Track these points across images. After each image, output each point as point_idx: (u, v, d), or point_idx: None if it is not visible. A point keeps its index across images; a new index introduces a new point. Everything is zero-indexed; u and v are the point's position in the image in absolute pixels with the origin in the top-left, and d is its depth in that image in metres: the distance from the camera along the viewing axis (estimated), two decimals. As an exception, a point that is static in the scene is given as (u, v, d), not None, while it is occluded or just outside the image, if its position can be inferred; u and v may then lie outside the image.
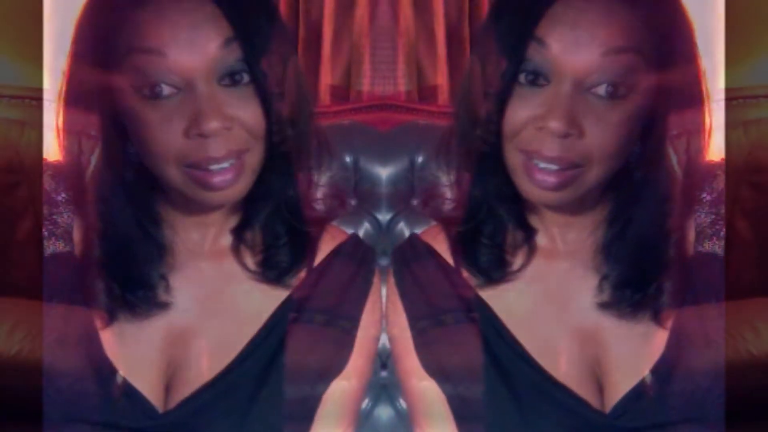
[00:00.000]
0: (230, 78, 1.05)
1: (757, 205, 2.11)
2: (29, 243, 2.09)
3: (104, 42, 1.04)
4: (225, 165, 1.04)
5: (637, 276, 1.11)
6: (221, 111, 1.03)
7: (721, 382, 1.12)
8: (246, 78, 1.05)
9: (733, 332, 1.73)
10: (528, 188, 1.07)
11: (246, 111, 1.05)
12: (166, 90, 1.03)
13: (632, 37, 1.03)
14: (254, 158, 1.06)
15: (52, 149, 1.22)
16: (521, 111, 1.06)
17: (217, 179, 1.04)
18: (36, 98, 2.15)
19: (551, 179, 1.05)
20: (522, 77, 1.06)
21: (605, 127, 1.03)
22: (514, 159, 1.07)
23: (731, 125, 2.10)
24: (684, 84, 1.08)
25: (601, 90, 1.03)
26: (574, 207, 1.13)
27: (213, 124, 1.02)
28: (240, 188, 1.06)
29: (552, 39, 1.03)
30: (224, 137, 1.04)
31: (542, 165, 1.05)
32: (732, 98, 2.13)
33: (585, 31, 1.03)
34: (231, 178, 1.05)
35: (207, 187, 1.05)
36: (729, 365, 1.14)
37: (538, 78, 1.05)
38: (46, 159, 1.22)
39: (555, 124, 1.03)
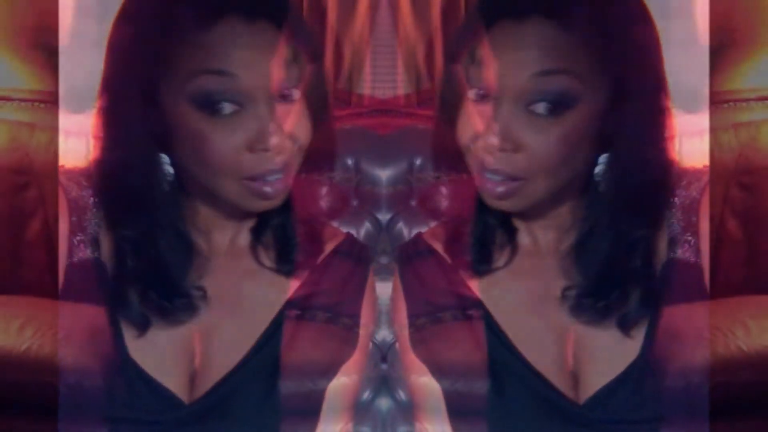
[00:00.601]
0: (284, 95, 1.10)
1: (747, 206, 2.10)
2: (38, 243, 2.09)
3: (159, 62, 1.07)
4: (279, 176, 1.10)
5: (599, 284, 1.15)
6: (282, 127, 1.08)
7: (705, 380, 1.16)
8: (296, 94, 1.10)
9: (724, 329, 1.73)
10: (483, 195, 1.13)
11: (299, 125, 1.11)
12: (229, 108, 1.07)
13: (566, 59, 1.06)
14: (296, 167, 1.12)
15: (65, 154, 1.24)
16: (469, 126, 1.11)
17: (271, 189, 1.10)
18: (46, 101, 2.13)
19: (497, 188, 1.10)
20: (471, 93, 1.10)
21: (546, 143, 1.07)
22: (472, 167, 1.13)
23: (722, 127, 2.09)
24: (642, 96, 1.11)
25: (540, 108, 1.08)
26: (538, 212, 1.17)
27: (277, 140, 1.08)
28: (285, 195, 1.12)
29: (489, 60, 1.08)
30: (282, 150, 1.09)
31: (489, 175, 1.10)
32: (722, 101, 2.12)
33: (518, 54, 1.07)
34: (282, 187, 1.11)
35: (261, 197, 1.10)
36: (720, 361, 1.17)
37: (484, 95, 1.09)
38: (63, 165, 1.24)
39: (491, 139, 1.08)
